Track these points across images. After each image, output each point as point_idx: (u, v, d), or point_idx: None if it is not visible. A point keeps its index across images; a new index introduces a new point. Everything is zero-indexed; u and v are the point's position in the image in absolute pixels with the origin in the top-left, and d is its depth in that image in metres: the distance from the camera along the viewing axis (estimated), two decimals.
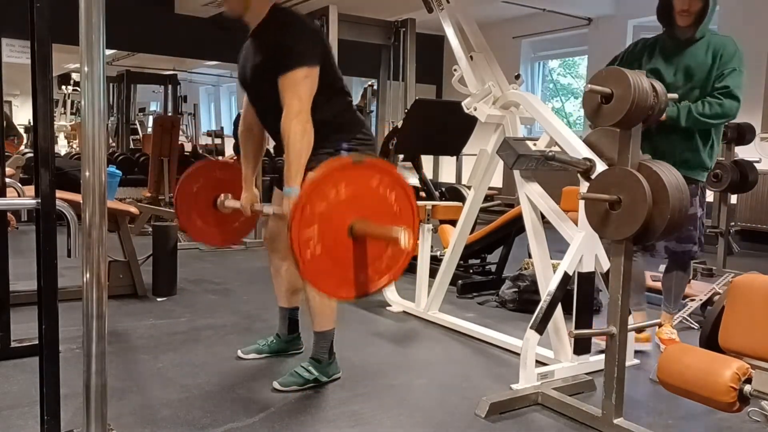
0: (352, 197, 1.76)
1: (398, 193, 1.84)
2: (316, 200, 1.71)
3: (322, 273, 1.75)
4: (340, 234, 1.76)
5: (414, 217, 1.88)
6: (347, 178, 1.75)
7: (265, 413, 2.14)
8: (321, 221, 1.72)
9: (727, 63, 2.63)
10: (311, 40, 2.23)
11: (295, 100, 2.13)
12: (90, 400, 1.54)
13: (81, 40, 1.42)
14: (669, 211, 1.87)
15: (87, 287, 1.49)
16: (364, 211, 1.78)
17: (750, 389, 1.66)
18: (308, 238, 1.70)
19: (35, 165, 1.67)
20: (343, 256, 1.78)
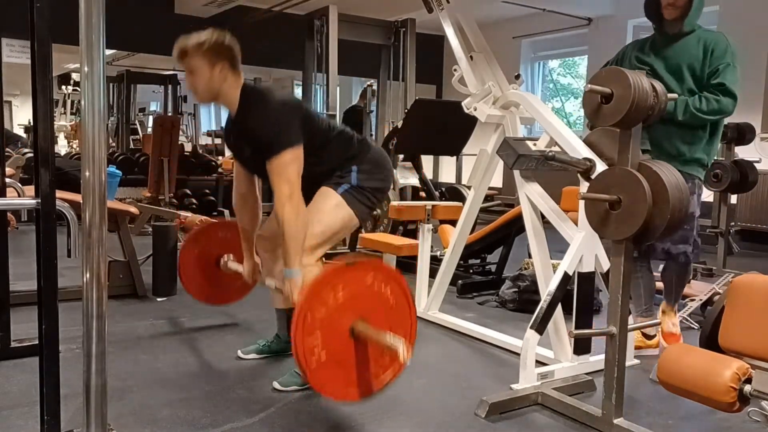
0: (350, 298, 1.80)
1: (393, 286, 1.88)
2: (316, 306, 1.75)
3: (328, 378, 1.79)
4: (343, 336, 1.80)
5: (410, 308, 1.93)
6: (343, 281, 1.79)
7: (265, 413, 2.14)
8: (323, 327, 1.76)
9: (720, 58, 2.57)
10: (289, 119, 2.20)
11: (285, 185, 2.16)
12: (90, 400, 1.54)
13: (81, 40, 1.42)
14: (669, 211, 1.87)
15: (87, 287, 1.49)
16: (363, 310, 1.82)
17: (750, 389, 1.66)
18: (312, 346, 1.74)
19: (35, 165, 1.67)
20: (347, 358, 1.81)
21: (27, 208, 3.42)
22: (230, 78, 2.25)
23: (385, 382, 1.89)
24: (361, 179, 2.33)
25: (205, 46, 2.20)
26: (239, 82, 2.28)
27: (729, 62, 2.57)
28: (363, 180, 2.34)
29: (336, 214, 2.30)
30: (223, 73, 2.23)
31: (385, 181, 2.42)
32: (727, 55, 2.58)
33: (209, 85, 2.24)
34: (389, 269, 1.90)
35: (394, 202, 3.81)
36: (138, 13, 8.49)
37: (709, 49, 2.59)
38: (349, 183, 2.32)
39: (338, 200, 2.30)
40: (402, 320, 1.91)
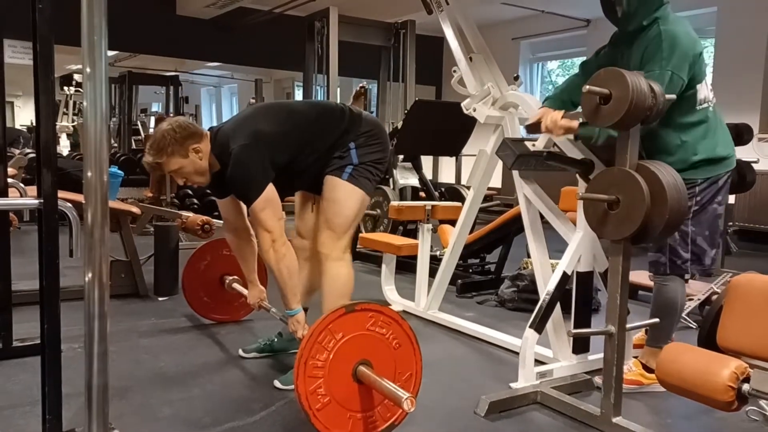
0: (352, 342, 1.82)
1: (394, 328, 1.89)
2: (317, 353, 1.78)
3: (333, 421, 1.81)
4: (345, 379, 1.82)
5: (413, 346, 1.93)
6: (343, 326, 1.82)
7: (266, 412, 2.15)
8: (325, 371, 1.79)
9: (648, 62, 2.20)
10: (253, 169, 2.21)
11: (264, 233, 2.24)
12: (92, 399, 1.54)
13: (83, 41, 1.43)
14: (667, 211, 1.89)
15: (89, 287, 1.49)
16: (365, 352, 1.84)
17: (748, 388, 1.67)
18: (315, 389, 1.77)
19: (37, 165, 1.68)
20: (351, 399, 1.83)
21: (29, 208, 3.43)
22: (204, 148, 2.28)
23: (392, 422, 1.91)
24: (360, 155, 2.35)
25: (169, 149, 2.23)
26: (207, 144, 2.29)
27: (656, 68, 2.16)
28: (362, 155, 2.35)
29: (349, 202, 2.34)
30: (197, 150, 2.26)
31: (383, 149, 2.43)
32: (655, 62, 2.17)
33: (199, 168, 2.29)
34: (390, 312, 1.91)
35: (394, 202, 3.82)
36: (140, 14, 8.51)
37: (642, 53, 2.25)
38: (350, 163, 2.33)
39: (346, 187, 2.32)
40: (407, 361, 1.92)
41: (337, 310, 1.83)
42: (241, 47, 9.36)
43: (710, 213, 2.34)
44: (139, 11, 8.48)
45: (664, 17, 2.26)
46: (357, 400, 1.84)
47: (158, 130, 2.30)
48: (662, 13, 2.28)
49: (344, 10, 6.94)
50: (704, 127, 2.32)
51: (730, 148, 2.41)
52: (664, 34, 2.20)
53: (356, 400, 1.84)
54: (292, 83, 14.25)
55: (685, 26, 2.29)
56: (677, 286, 2.36)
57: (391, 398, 1.75)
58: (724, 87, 7.07)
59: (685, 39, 2.23)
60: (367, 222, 5.19)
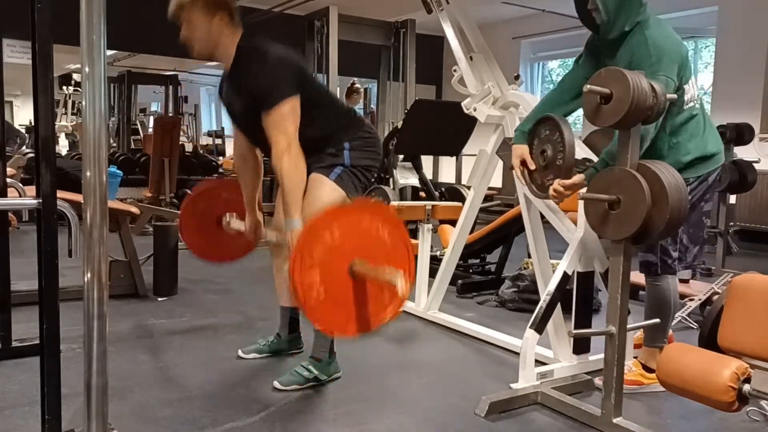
0: (347, 238, 1.82)
1: (390, 229, 1.89)
2: (313, 245, 1.77)
3: (328, 315, 1.81)
4: (341, 275, 1.82)
5: (408, 251, 1.94)
6: (339, 221, 1.81)
7: (266, 412, 2.15)
8: (321, 265, 1.78)
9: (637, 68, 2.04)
10: (285, 71, 2.20)
11: (282, 136, 2.16)
12: (91, 399, 1.54)
13: (82, 41, 1.42)
14: (668, 211, 1.88)
15: (88, 287, 1.49)
16: (360, 250, 1.84)
17: (749, 389, 1.67)
18: (311, 283, 1.76)
19: (36, 165, 1.67)
20: (346, 296, 1.83)
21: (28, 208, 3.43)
22: (227, 31, 2.25)
23: (384, 320, 1.91)
24: (353, 157, 2.34)
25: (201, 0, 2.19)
26: (236, 36, 2.27)
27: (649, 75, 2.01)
28: (355, 158, 2.34)
29: (330, 201, 2.30)
30: (221, 25, 2.23)
31: (375, 158, 2.43)
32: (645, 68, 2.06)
33: (208, 37, 2.24)
34: (387, 212, 1.91)
35: (394, 202, 3.81)
36: (139, 13, 8.50)
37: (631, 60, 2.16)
38: (341, 164, 2.32)
39: (331, 186, 2.31)
40: (401, 261, 1.91)
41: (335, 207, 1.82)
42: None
43: (698, 211, 2.37)
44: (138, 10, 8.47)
45: (645, 21, 2.22)
46: (351, 296, 1.84)
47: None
48: (643, 17, 2.23)
49: (344, 9, 6.94)
50: (693, 126, 2.30)
51: (720, 144, 2.41)
52: (650, 39, 2.17)
53: (350, 296, 1.83)
54: None
55: (667, 29, 2.26)
56: (669, 284, 2.37)
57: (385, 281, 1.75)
58: (725, 87, 7.09)
59: (670, 42, 2.20)
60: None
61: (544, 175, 2.31)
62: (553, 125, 2.25)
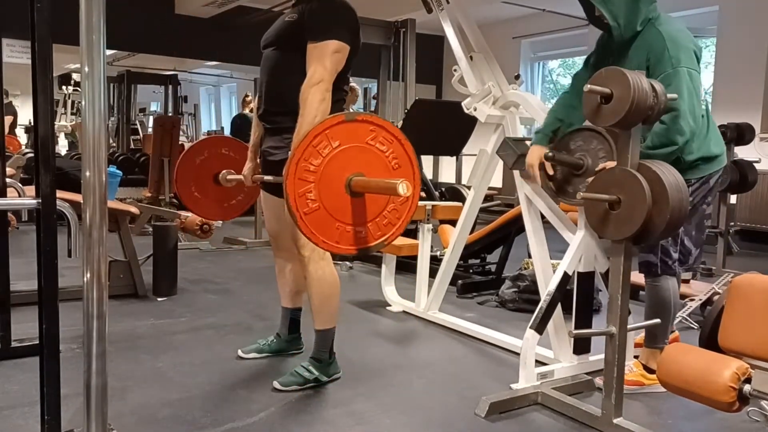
0: (348, 153, 1.74)
1: (395, 147, 1.81)
2: (310, 156, 1.70)
3: (320, 227, 1.74)
4: (338, 189, 1.75)
5: (413, 169, 1.85)
6: (341, 134, 1.73)
7: (266, 413, 2.15)
8: (317, 176, 1.71)
9: (658, 64, 2.12)
10: (351, 24, 2.22)
11: (320, 68, 2.11)
12: (90, 399, 1.54)
13: (81, 41, 1.42)
14: (669, 211, 1.88)
15: (87, 287, 1.49)
16: (361, 166, 1.76)
17: (749, 389, 1.67)
18: (305, 193, 1.70)
19: (36, 165, 1.67)
20: (342, 211, 1.76)
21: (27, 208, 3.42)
22: None
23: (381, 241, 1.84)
24: None
25: None
26: None
27: (670, 68, 2.10)
28: None
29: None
30: None
31: None
32: (666, 62, 2.11)
33: None
34: (393, 128, 1.83)
35: None
36: (138, 13, 8.50)
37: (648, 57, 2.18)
38: None
39: None
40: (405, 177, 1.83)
41: (337, 116, 1.74)
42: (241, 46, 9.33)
43: (699, 213, 2.37)
44: (137, 10, 8.47)
45: (656, 17, 2.26)
46: (348, 213, 1.77)
47: None
48: (654, 14, 2.27)
49: None
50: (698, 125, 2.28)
51: (722, 146, 2.41)
52: (665, 33, 2.19)
53: (347, 213, 1.77)
54: None
55: (678, 23, 2.29)
56: (669, 284, 2.37)
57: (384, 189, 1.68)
58: (725, 86, 7.09)
59: (684, 35, 2.23)
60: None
61: (578, 182, 2.30)
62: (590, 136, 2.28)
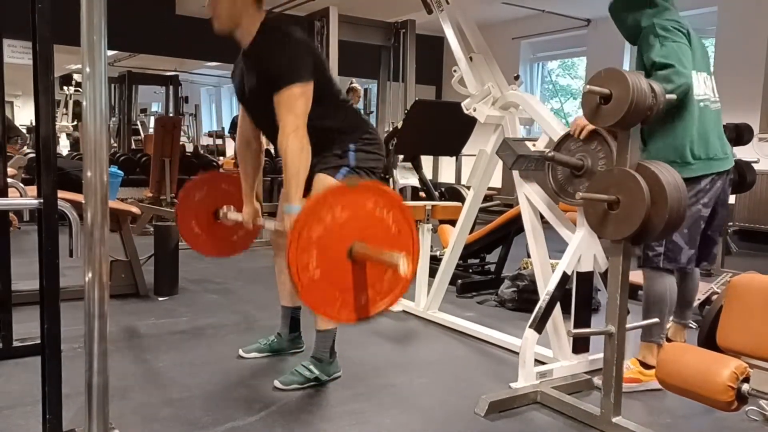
0: (350, 220, 1.76)
1: (395, 214, 1.84)
2: (313, 224, 1.72)
3: (321, 297, 1.75)
4: (340, 257, 1.76)
5: (413, 238, 1.88)
6: (343, 202, 1.76)
7: (266, 412, 2.15)
8: (319, 245, 1.72)
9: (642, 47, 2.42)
10: (304, 55, 2.23)
11: (291, 117, 2.15)
12: (92, 399, 1.54)
13: (82, 41, 1.43)
14: (667, 211, 1.89)
15: (89, 287, 1.50)
16: (362, 233, 1.78)
17: (748, 388, 1.67)
18: (306, 263, 1.71)
19: (37, 165, 1.68)
20: (343, 279, 1.77)
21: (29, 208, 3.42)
22: (252, 10, 2.27)
23: (383, 307, 1.85)
24: (358, 159, 2.34)
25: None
26: (259, 16, 2.29)
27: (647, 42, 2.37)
28: (360, 160, 2.34)
29: None
30: (246, 4, 2.25)
31: (380, 160, 2.43)
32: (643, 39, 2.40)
33: (231, 12, 2.26)
34: (394, 195, 1.84)
35: None
36: (139, 14, 8.51)
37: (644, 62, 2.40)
38: (346, 165, 2.32)
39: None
40: (405, 248, 1.84)
41: (339, 186, 1.77)
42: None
43: (693, 213, 2.33)
44: (138, 11, 8.47)
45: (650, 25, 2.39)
46: (350, 280, 1.77)
47: None
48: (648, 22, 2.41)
49: (344, 10, 6.93)
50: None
51: (721, 150, 2.42)
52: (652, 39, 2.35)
53: (349, 280, 1.77)
54: None
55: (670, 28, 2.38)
56: (665, 280, 2.40)
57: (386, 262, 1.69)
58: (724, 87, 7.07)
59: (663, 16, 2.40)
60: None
61: (579, 182, 2.32)
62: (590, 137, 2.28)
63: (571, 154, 2.35)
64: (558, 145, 2.41)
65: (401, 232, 1.85)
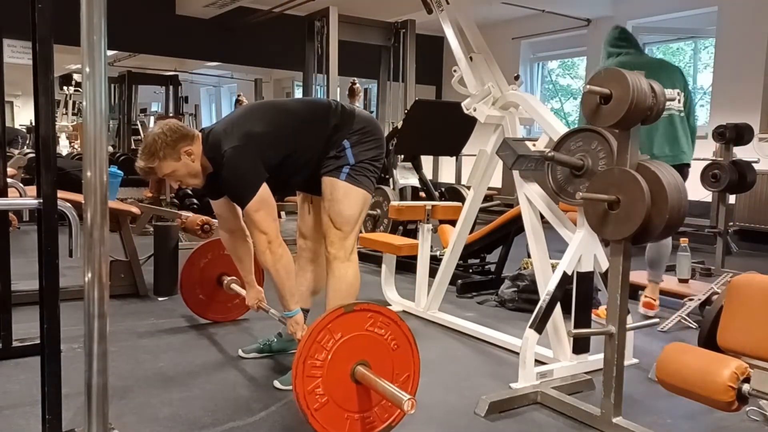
0: (350, 342, 1.83)
1: (392, 329, 1.90)
2: (315, 352, 1.78)
3: (330, 421, 1.81)
4: (344, 379, 1.83)
5: (412, 348, 1.96)
6: (342, 326, 1.82)
7: (266, 412, 2.15)
8: (323, 371, 1.79)
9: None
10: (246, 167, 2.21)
11: (260, 235, 2.23)
12: (91, 399, 1.54)
13: (82, 41, 1.42)
14: (668, 211, 1.88)
15: (88, 287, 1.49)
16: (363, 353, 1.85)
17: (748, 388, 1.67)
18: (313, 389, 1.78)
19: (37, 165, 1.68)
20: (349, 399, 1.84)
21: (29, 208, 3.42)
22: (196, 152, 2.26)
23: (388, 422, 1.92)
24: (356, 154, 2.33)
25: (161, 152, 2.22)
26: (200, 147, 2.27)
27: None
28: (358, 154, 2.34)
29: (350, 201, 2.33)
30: (188, 154, 2.25)
31: (379, 146, 2.42)
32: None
33: (192, 170, 2.27)
34: (388, 312, 1.91)
35: (394, 202, 3.82)
36: (139, 14, 8.51)
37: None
38: (347, 163, 2.32)
39: (345, 187, 2.32)
40: (405, 362, 1.94)
41: (336, 310, 1.83)
42: (241, 47, 9.36)
43: None
44: (138, 11, 8.47)
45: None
46: (355, 401, 1.84)
47: (149, 135, 2.29)
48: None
49: (344, 10, 6.94)
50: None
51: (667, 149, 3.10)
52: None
53: (354, 401, 1.84)
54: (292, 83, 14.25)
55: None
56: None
57: (391, 399, 1.75)
58: (724, 87, 7.09)
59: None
60: (367, 222, 5.18)
61: (579, 182, 2.32)
62: (590, 136, 2.28)
63: (571, 154, 2.34)
64: (558, 145, 2.41)
65: (400, 347, 1.93)
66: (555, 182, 2.42)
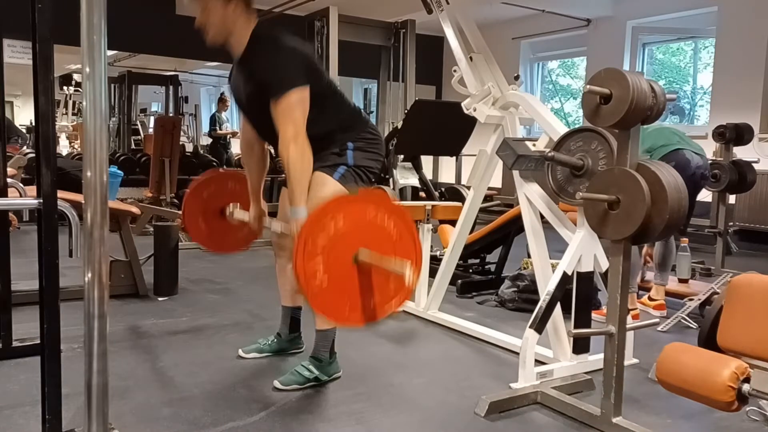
0: (352, 228, 1.81)
1: (396, 220, 1.89)
2: (317, 233, 1.76)
3: (330, 303, 1.80)
4: (345, 263, 1.81)
5: (415, 242, 1.93)
6: (344, 211, 1.81)
7: (266, 412, 2.15)
8: (324, 253, 1.77)
9: None
10: (297, 61, 2.22)
11: (290, 125, 2.16)
12: (91, 399, 1.54)
13: (82, 41, 1.42)
14: (668, 211, 1.88)
15: (88, 287, 1.49)
16: (365, 241, 1.83)
17: (749, 388, 1.67)
18: (314, 270, 1.75)
19: (37, 165, 1.68)
20: (350, 285, 1.82)
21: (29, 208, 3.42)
22: (242, 19, 2.25)
23: (390, 310, 1.90)
24: (356, 158, 2.34)
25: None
26: (251, 24, 2.27)
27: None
28: (358, 158, 2.34)
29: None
30: (237, 12, 2.23)
31: (378, 160, 2.43)
32: None
33: (222, 24, 2.24)
34: (392, 203, 1.90)
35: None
36: (139, 14, 8.50)
37: None
38: (344, 163, 2.32)
39: (335, 186, 2.31)
40: (407, 252, 1.90)
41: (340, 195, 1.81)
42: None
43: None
44: (138, 11, 8.47)
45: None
46: (355, 285, 1.83)
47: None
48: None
49: (344, 10, 6.93)
50: None
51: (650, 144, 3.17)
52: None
53: (355, 285, 1.82)
54: None
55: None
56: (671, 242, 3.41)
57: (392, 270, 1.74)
58: (724, 87, 7.09)
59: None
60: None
61: (579, 182, 2.32)
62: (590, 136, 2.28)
63: (571, 154, 2.35)
64: (558, 145, 2.41)
65: (402, 237, 1.90)
66: (555, 182, 2.42)
